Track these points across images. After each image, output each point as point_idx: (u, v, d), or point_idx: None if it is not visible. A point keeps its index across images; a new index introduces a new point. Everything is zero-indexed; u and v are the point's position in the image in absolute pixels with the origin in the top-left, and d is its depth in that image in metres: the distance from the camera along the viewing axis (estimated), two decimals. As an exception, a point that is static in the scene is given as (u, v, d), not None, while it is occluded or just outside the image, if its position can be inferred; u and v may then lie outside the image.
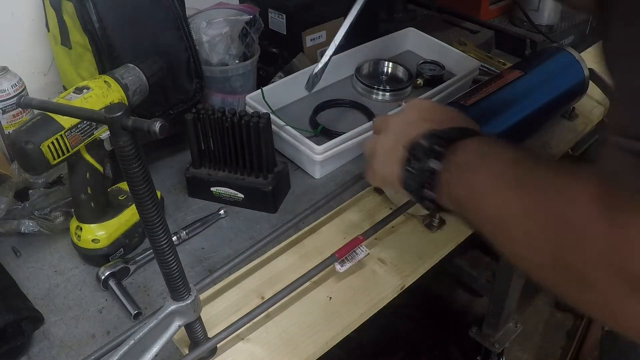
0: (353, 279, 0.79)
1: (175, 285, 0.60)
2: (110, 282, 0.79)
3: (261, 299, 0.75)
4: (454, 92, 1.09)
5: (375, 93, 1.15)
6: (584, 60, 1.01)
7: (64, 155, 0.74)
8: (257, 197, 0.92)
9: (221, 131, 0.89)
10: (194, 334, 0.66)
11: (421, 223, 0.86)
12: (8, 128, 0.93)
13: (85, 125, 0.76)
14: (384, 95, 1.15)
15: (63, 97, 0.77)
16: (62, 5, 0.89)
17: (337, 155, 0.97)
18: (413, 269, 0.80)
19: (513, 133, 0.92)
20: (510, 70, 0.98)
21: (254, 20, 1.07)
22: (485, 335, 1.84)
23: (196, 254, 0.86)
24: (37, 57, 1.10)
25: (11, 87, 0.91)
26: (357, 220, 0.87)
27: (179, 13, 0.93)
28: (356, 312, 0.74)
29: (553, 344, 1.99)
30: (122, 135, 0.48)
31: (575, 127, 1.07)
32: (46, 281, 0.82)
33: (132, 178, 0.51)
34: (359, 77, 1.16)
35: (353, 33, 0.98)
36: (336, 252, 0.76)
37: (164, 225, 0.55)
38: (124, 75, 0.82)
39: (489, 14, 1.48)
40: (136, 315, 0.76)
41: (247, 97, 1.04)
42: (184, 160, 1.01)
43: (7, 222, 0.86)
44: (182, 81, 0.98)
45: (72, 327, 0.76)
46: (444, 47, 1.23)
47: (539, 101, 0.95)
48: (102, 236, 0.82)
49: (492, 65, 1.24)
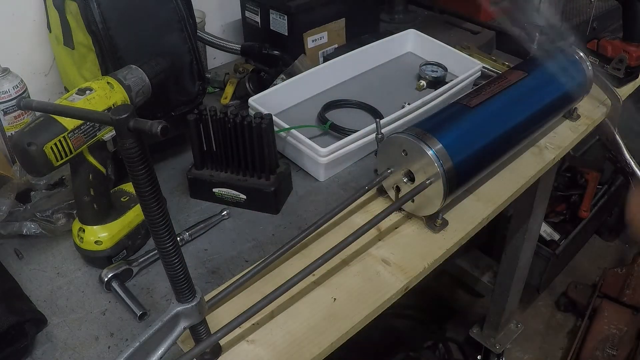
0: (357, 280, 0.79)
1: (181, 287, 0.60)
2: (114, 284, 0.79)
3: (265, 301, 0.74)
4: (457, 93, 1.09)
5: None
6: (586, 60, 1.01)
7: (66, 156, 0.74)
8: (260, 198, 0.92)
9: (223, 132, 0.89)
10: (199, 336, 0.66)
11: (424, 224, 0.86)
12: (10, 129, 0.93)
13: (88, 127, 0.75)
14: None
15: (66, 98, 0.77)
16: (66, 6, 0.88)
17: (341, 158, 0.97)
18: (417, 270, 0.80)
19: (516, 133, 0.92)
20: (512, 71, 0.98)
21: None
22: (486, 335, 1.85)
23: (199, 255, 0.86)
24: (37, 58, 1.10)
25: (12, 88, 0.91)
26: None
27: (184, 14, 0.93)
28: (361, 314, 0.74)
29: (554, 344, 1.99)
30: (129, 137, 0.48)
31: (578, 127, 1.08)
32: (49, 283, 0.82)
33: (138, 180, 0.51)
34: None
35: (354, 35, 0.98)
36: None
37: (170, 226, 0.55)
38: (127, 76, 0.82)
39: (490, 14, 1.48)
40: (141, 316, 0.76)
41: (250, 100, 1.04)
42: (186, 161, 1.01)
43: (9, 224, 0.86)
44: (184, 83, 0.97)
45: (75, 329, 0.76)
46: (446, 49, 1.23)
47: (542, 102, 0.95)
48: (104, 238, 0.82)
49: (495, 67, 1.24)
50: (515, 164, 0.98)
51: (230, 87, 1.21)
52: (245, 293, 0.77)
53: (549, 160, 1.00)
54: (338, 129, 1.03)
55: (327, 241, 0.84)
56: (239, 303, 0.75)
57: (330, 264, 0.77)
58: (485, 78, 1.15)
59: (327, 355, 0.72)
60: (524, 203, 1.49)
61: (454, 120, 0.86)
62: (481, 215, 0.88)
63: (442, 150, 0.79)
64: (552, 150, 1.02)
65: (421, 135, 0.80)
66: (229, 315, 0.72)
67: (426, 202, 0.83)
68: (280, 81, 1.13)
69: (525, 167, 0.98)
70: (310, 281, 0.78)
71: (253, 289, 0.77)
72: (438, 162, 0.79)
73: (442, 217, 0.85)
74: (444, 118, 0.87)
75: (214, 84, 1.25)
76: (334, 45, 1.29)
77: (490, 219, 0.90)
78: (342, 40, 1.30)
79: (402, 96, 1.12)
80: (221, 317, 0.73)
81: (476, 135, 0.86)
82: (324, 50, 1.28)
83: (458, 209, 0.89)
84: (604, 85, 1.11)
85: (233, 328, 0.68)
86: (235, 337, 0.71)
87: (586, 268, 2.22)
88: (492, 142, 0.87)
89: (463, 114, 0.88)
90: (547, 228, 2.01)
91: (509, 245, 1.62)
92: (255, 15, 1.28)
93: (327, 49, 1.28)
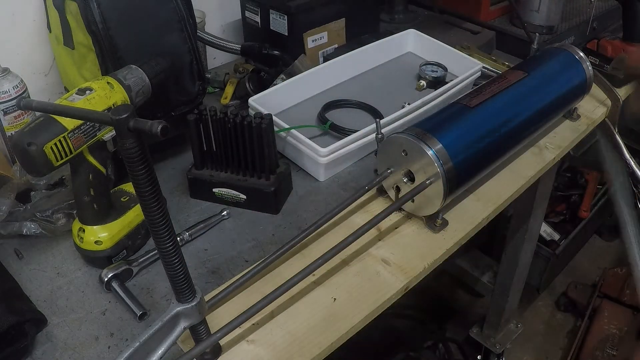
0: (357, 280, 0.79)
1: (181, 287, 0.60)
2: (114, 284, 0.79)
3: (266, 301, 0.74)
4: (457, 93, 1.09)
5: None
6: (586, 60, 1.01)
7: (67, 156, 0.74)
8: (260, 198, 0.92)
9: (223, 132, 0.89)
10: (199, 336, 0.66)
11: (424, 224, 0.86)
12: (10, 129, 0.93)
13: (88, 127, 0.75)
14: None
15: (66, 98, 0.77)
16: (66, 5, 0.88)
17: (341, 158, 0.97)
18: (417, 270, 0.80)
19: (516, 133, 0.92)
20: (512, 71, 0.98)
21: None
22: (486, 335, 1.85)
23: (199, 255, 0.86)
24: (37, 58, 1.10)
25: (12, 88, 0.91)
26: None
27: (183, 14, 0.93)
28: (361, 314, 0.74)
29: (554, 344, 1.99)
30: (129, 137, 0.48)
31: (578, 127, 1.08)
32: (49, 283, 0.82)
33: (138, 180, 0.51)
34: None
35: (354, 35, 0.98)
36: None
37: (170, 226, 0.55)
38: (127, 76, 0.82)
39: (490, 14, 1.48)
40: (141, 316, 0.76)
41: (250, 100, 1.04)
42: (186, 161, 1.01)
43: (9, 224, 0.86)
44: (184, 83, 0.97)
45: (75, 329, 0.76)
46: (446, 49, 1.23)
47: (542, 102, 0.95)
48: (104, 238, 0.82)
49: (495, 67, 1.24)
50: (515, 164, 0.98)
51: (230, 87, 1.21)
52: (245, 293, 0.77)
53: (549, 160, 1.00)
54: (338, 129, 1.03)
55: (327, 241, 0.84)
56: (239, 303, 0.75)
57: (330, 264, 0.78)
58: (485, 78, 1.15)
59: (327, 355, 0.72)
60: (524, 203, 1.49)
61: (454, 120, 0.86)
62: (481, 215, 0.89)
63: (442, 150, 0.79)
64: (552, 150, 1.02)
65: (421, 135, 0.80)
66: (229, 315, 0.71)
67: (426, 202, 0.83)
68: (280, 81, 1.13)
69: (525, 167, 0.98)
70: (310, 281, 0.78)
71: (253, 289, 0.77)
72: (438, 162, 0.79)
73: (442, 217, 0.85)
74: (444, 118, 0.87)
75: (214, 84, 1.25)
76: (334, 45, 1.29)
77: (490, 219, 0.90)
78: (342, 40, 1.31)
79: (402, 96, 1.12)
80: (221, 317, 0.73)
81: (476, 135, 0.86)
82: (324, 50, 1.28)
83: (458, 209, 0.89)
84: (604, 85, 1.11)
85: (233, 328, 0.68)
86: (235, 337, 0.71)
87: (586, 268, 2.22)
88: (492, 142, 0.87)
89: (463, 114, 0.88)
90: (547, 228, 2.01)
91: (509, 245, 1.62)
92: (255, 15, 1.28)
93: (327, 49, 1.28)
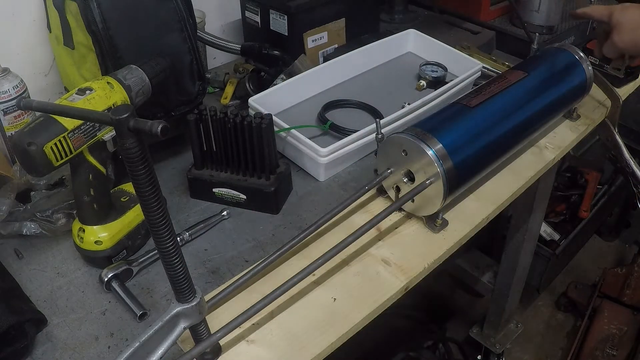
0: (357, 279, 0.79)
1: (181, 287, 0.60)
2: (114, 284, 0.79)
3: (266, 301, 0.74)
4: (457, 93, 1.09)
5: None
6: (586, 60, 1.01)
7: (67, 156, 0.74)
8: (260, 198, 0.92)
9: (223, 132, 0.89)
10: (199, 336, 0.66)
11: (424, 224, 0.86)
12: (10, 129, 0.93)
13: (88, 127, 0.75)
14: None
15: (66, 98, 0.77)
16: (66, 5, 0.88)
17: (341, 158, 0.97)
18: (417, 270, 0.80)
19: (516, 133, 0.92)
20: (512, 71, 0.98)
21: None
22: (486, 335, 1.85)
23: (199, 255, 0.86)
24: (37, 58, 1.10)
25: (12, 88, 0.91)
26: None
27: (183, 14, 0.93)
28: (361, 314, 0.74)
29: (554, 344, 1.99)
30: (129, 137, 0.48)
31: (578, 127, 1.07)
32: (49, 283, 0.82)
33: (138, 180, 0.51)
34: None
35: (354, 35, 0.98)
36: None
37: (170, 226, 0.55)
38: (127, 76, 0.82)
39: (490, 14, 1.48)
40: (141, 316, 0.76)
41: (250, 100, 1.04)
42: (186, 161, 1.01)
43: (9, 224, 0.86)
44: (184, 82, 0.98)
45: (75, 329, 0.76)
46: (446, 49, 1.23)
47: (541, 102, 0.95)
48: (104, 238, 0.82)
49: (495, 67, 1.24)
50: (515, 164, 0.98)
51: (230, 87, 1.21)
52: (245, 293, 0.77)
53: (549, 160, 1.00)
54: (338, 129, 1.03)
55: (327, 241, 0.84)
56: (239, 303, 0.75)
57: (330, 264, 0.77)
58: (485, 78, 1.15)
59: (327, 355, 0.72)
60: (524, 203, 1.49)
61: (454, 120, 0.86)
62: (481, 215, 0.88)
63: (442, 150, 0.79)
64: (552, 150, 1.02)
65: (421, 135, 0.80)
66: (229, 315, 0.71)
67: (426, 202, 0.83)
68: (280, 81, 1.13)
69: (525, 167, 0.98)
70: (310, 281, 0.78)
71: (253, 289, 0.77)
72: (438, 162, 0.79)
73: (442, 217, 0.85)
74: (444, 118, 0.87)
75: (214, 84, 1.25)
76: (334, 45, 1.29)
77: (490, 219, 0.90)
78: (342, 40, 1.31)
79: (402, 96, 1.12)
80: (221, 317, 0.73)
81: (476, 135, 0.86)
82: (324, 50, 1.28)
83: (458, 209, 0.89)
84: (604, 85, 1.11)
85: (233, 328, 0.68)
86: (235, 337, 0.71)
87: (586, 268, 2.22)
88: (492, 142, 0.87)
89: (463, 114, 0.88)
90: (547, 228, 2.01)
91: (509, 245, 1.62)
92: (255, 15, 1.28)
93: (327, 49, 1.29)
